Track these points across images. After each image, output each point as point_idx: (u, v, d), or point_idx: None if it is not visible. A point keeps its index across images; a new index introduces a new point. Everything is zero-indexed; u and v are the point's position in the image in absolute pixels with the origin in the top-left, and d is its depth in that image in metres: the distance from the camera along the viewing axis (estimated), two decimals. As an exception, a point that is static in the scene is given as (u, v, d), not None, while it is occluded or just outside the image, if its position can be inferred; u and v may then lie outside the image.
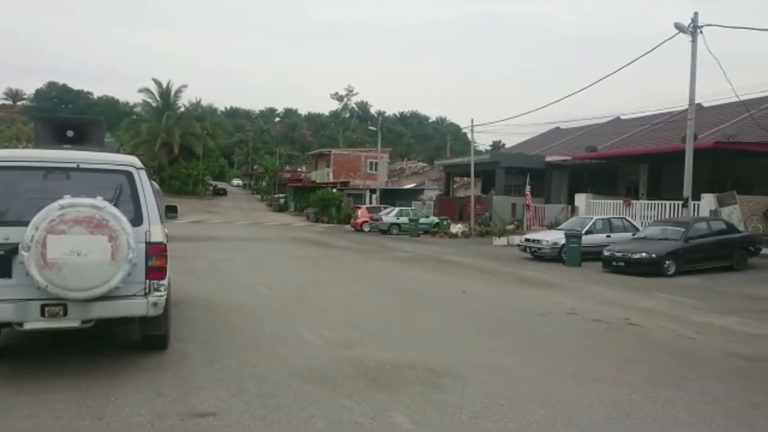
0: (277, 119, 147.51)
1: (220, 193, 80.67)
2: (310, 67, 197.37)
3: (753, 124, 23.38)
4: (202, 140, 71.17)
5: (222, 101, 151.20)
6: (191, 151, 70.26)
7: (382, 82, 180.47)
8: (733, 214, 19.61)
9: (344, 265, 17.91)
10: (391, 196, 49.16)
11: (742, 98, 22.44)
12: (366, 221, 35.50)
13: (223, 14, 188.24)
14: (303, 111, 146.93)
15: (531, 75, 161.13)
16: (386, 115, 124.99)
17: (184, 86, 72.43)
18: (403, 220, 33.37)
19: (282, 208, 64.33)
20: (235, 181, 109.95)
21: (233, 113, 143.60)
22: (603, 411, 5.24)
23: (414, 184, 57.96)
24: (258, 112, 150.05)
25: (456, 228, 31.34)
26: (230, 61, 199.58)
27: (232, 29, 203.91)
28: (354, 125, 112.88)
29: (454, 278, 14.80)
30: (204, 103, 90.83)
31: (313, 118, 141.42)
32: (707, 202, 20.63)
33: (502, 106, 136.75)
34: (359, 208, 39.82)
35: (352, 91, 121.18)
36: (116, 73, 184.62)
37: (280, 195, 72.61)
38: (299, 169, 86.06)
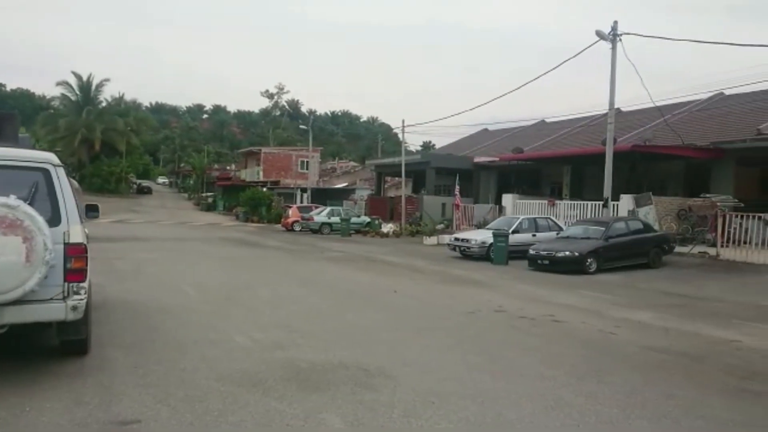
0: (205, 116, 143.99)
1: (144, 191, 78.09)
2: (240, 63, 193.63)
3: (667, 128, 24.63)
4: (126, 137, 68.55)
5: (147, 97, 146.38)
6: (114, 147, 67.59)
7: (314, 80, 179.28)
8: (649, 214, 20.60)
9: (275, 265, 17.68)
10: (322, 196, 48.93)
11: (658, 104, 23.66)
12: (297, 221, 35.18)
13: (146, 5, 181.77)
14: (232, 108, 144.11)
15: (460, 77, 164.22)
16: (317, 113, 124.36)
17: (106, 80, 69.59)
18: (335, 219, 33.28)
19: (210, 208, 62.94)
20: (161, 180, 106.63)
21: (159, 109, 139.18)
22: (530, 405, 5.39)
23: (345, 184, 57.95)
24: (185, 108, 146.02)
25: (387, 228, 31.54)
26: (155, 56, 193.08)
27: (156, 22, 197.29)
28: (285, 124, 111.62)
29: (386, 277, 14.88)
30: (128, 98, 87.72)
31: (242, 116, 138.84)
32: (626, 202, 21.59)
33: (432, 107, 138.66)
34: (290, 207, 39.42)
35: (282, 89, 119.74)
36: (31, 65, 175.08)
37: (209, 194, 71.02)
38: (228, 168, 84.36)
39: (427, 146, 73.45)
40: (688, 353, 7.64)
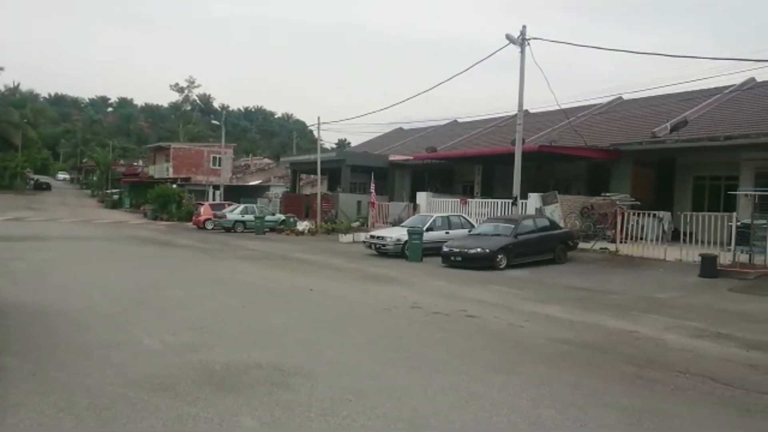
0: (110, 109, 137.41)
1: (42, 187, 73.64)
2: (147, 55, 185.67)
3: (572, 130, 25.83)
4: (21, 129, 64.39)
5: (45, 87, 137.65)
6: (8, 141, 63.32)
7: (226, 75, 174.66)
8: (555, 212, 21.55)
9: (186, 264, 17.14)
10: (235, 193, 47.89)
11: (563, 107, 24.73)
12: (209, 219, 34.23)
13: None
14: (139, 101, 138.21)
15: (376, 77, 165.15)
16: (230, 109, 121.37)
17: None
18: (249, 217, 32.65)
19: (116, 205, 60.20)
20: (61, 175, 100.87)
21: (59, 101, 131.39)
22: (445, 399, 5.50)
23: (260, 181, 56.99)
24: (88, 100, 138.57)
25: (303, 225, 31.28)
26: (54, 45, 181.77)
27: (55, 8, 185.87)
28: (196, 119, 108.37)
29: (302, 276, 14.77)
30: (24, 88, 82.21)
31: (150, 110, 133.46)
32: (534, 200, 22.48)
33: (348, 105, 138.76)
34: (202, 204, 38.28)
35: (193, 82, 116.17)
36: None
37: (114, 191, 67.89)
38: (135, 164, 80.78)
39: (342, 144, 73.54)
40: (592, 344, 8.05)
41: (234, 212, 33.66)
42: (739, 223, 16.30)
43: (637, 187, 23.19)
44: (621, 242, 19.39)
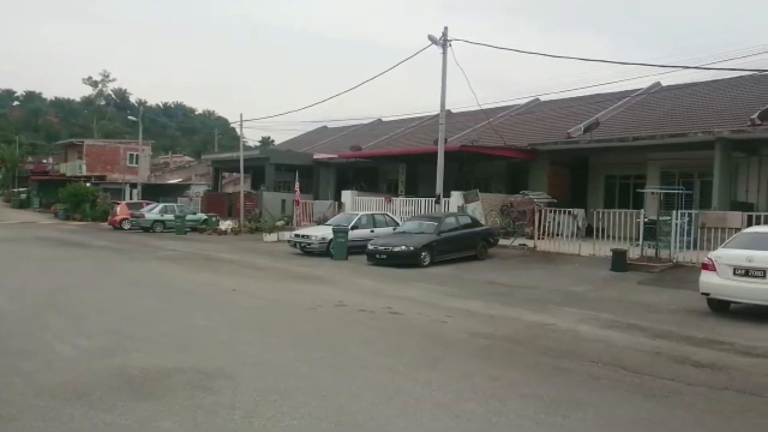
0: (17, 103, 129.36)
1: (-62, 186, 68.62)
2: (57, 46, 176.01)
3: (492, 130, 26.55)
4: None
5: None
6: None
7: (144, 69, 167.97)
8: (476, 209, 22.11)
9: (102, 266, 16.44)
10: (154, 192, 46.23)
11: (484, 107, 25.42)
12: (126, 218, 32.90)
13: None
14: (49, 95, 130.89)
15: (302, 75, 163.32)
16: (148, 104, 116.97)
17: None
18: (168, 217, 31.60)
19: (23, 205, 56.89)
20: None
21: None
22: (370, 397, 5.56)
23: (180, 180, 55.37)
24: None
25: (225, 225, 30.60)
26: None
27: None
28: (111, 114, 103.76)
29: (225, 276, 14.48)
30: None
31: (61, 104, 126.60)
32: (456, 199, 22.96)
33: (273, 103, 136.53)
34: (118, 204, 36.74)
35: (108, 76, 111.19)
36: None
37: (21, 189, 64.06)
38: (45, 161, 76.53)
39: (266, 142, 72.51)
40: (511, 337, 8.34)
41: (153, 211, 32.50)
42: (646, 220, 17.25)
43: (554, 186, 24.13)
44: (539, 239, 20.11)
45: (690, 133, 19.70)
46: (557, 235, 20.11)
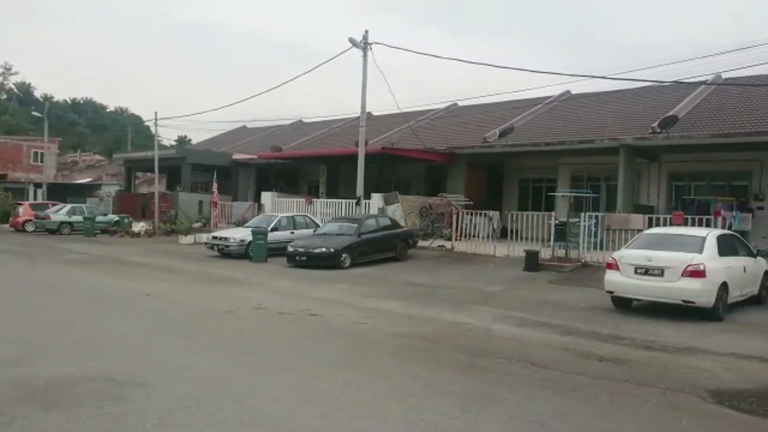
0: None
1: None
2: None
3: (412, 133, 26.92)
4: None
5: None
6: None
7: (50, 63, 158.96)
8: (396, 211, 22.38)
9: (4, 271, 15.47)
10: (61, 192, 43.82)
11: (405, 111, 25.73)
12: (30, 220, 31.03)
13: None
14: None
15: (222, 74, 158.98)
16: (54, 100, 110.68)
17: None
18: (77, 218, 30.06)
19: None
20: None
21: None
22: (289, 399, 5.54)
23: (90, 179, 52.84)
24: None
25: (138, 227, 29.45)
26: None
27: None
28: (13, 109, 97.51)
29: (138, 280, 13.96)
30: None
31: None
32: (376, 200, 23.16)
33: (191, 101, 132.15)
34: (21, 204, 34.62)
35: (10, 69, 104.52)
36: None
37: None
38: (-63, 158, 71.05)
39: (182, 141, 70.36)
40: (429, 337, 8.51)
41: (59, 212, 30.82)
42: (557, 222, 18.02)
43: (471, 188, 24.76)
44: (456, 240, 20.59)
45: (597, 139, 20.76)
46: (474, 236, 20.65)
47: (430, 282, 14.52)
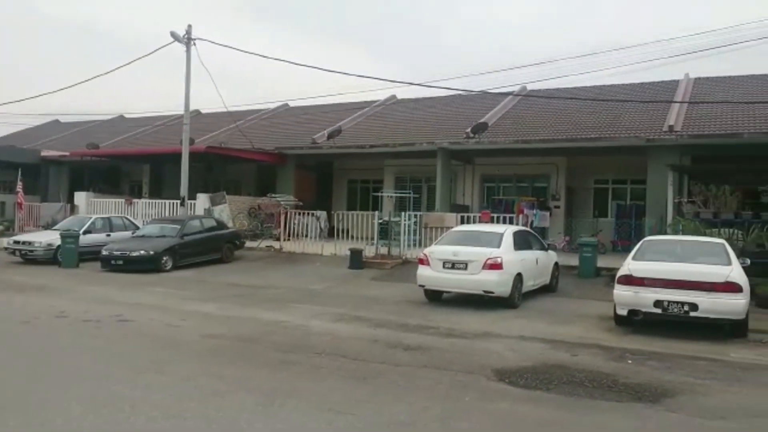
0: None
1: None
2: None
3: (241, 133, 26.46)
4: None
5: None
6: None
7: None
8: (223, 212, 21.91)
9: None
10: None
11: (233, 109, 25.27)
12: None
13: None
14: None
15: (34, 64, 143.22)
16: None
17: None
18: None
19: None
20: None
21: None
22: (80, 408, 5.27)
23: None
24: None
25: (-77, 231, 25.84)
26: None
27: None
28: None
29: None
30: None
31: None
32: (202, 201, 22.48)
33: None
34: None
35: None
36: None
37: None
38: None
39: (-19, 135, 62.67)
40: (244, 336, 8.52)
41: None
42: (380, 221, 18.79)
43: (301, 189, 24.93)
44: (285, 240, 20.64)
45: (417, 143, 21.92)
46: (304, 236, 20.85)
47: (255, 282, 14.45)
